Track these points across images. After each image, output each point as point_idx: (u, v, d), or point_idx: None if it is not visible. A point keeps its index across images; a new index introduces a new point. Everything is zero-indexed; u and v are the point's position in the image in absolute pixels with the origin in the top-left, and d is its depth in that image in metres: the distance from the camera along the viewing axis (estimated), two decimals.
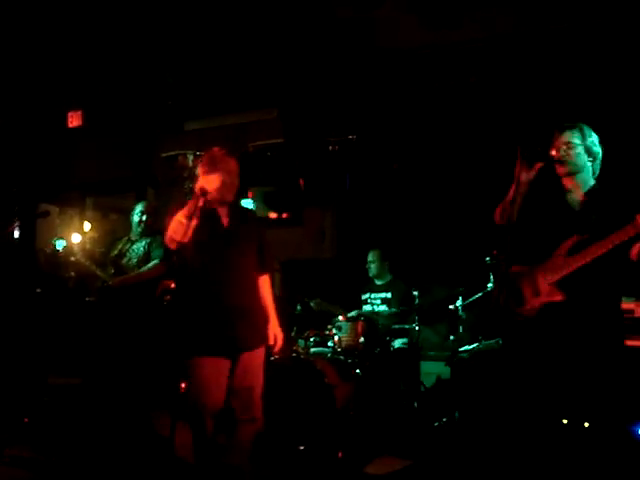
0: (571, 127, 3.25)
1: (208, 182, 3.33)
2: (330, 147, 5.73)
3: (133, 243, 5.34)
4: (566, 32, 4.63)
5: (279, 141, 6.13)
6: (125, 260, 5.26)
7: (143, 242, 5.30)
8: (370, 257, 5.79)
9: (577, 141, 3.23)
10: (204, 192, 3.25)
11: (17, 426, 4.85)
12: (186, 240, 3.25)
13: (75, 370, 5.79)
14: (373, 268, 5.77)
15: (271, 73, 5.80)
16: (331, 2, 5.17)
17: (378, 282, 5.80)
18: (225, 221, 3.52)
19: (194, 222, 3.25)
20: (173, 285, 4.52)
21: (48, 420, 5.15)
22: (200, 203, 3.24)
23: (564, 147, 3.21)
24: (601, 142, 3.26)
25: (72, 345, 6.11)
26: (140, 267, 5.18)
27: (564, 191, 3.29)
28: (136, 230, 5.35)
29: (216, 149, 3.52)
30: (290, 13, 5.44)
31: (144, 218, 5.29)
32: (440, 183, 5.85)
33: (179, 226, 3.25)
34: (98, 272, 5.14)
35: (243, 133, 6.43)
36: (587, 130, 3.26)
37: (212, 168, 3.39)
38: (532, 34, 4.70)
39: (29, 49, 6.26)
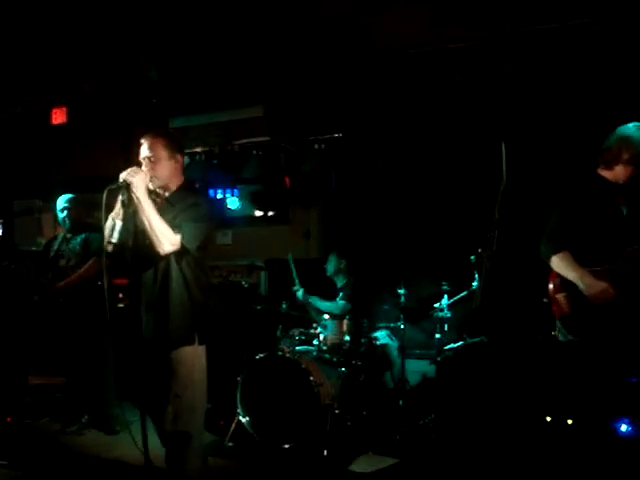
0: None
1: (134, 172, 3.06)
2: (316, 145, 5.72)
3: (69, 242, 5.11)
4: (553, 32, 4.65)
5: (265, 139, 6.10)
6: (64, 262, 5.04)
7: (78, 239, 5.07)
8: (329, 259, 5.78)
9: None
10: (125, 184, 3.01)
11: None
12: (114, 241, 3.06)
13: (56, 369, 5.73)
14: (329, 268, 5.74)
15: (257, 71, 5.77)
16: (320, 1, 5.17)
17: (339, 284, 5.76)
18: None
19: (118, 223, 3.07)
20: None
21: (30, 419, 5.12)
22: (122, 198, 3.02)
23: None
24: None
25: (52, 344, 6.04)
26: (80, 267, 4.95)
27: None
28: (65, 226, 5.13)
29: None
30: (277, 11, 5.42)
31: (66, 213, 5.06)
32: (425, 181, 5.87)
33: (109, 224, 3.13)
34: (42, 280, 4.94)
35: (229, 131, 6.39)
36: None
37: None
38: (518, 34, 4.72)
39: (13, 45, 6.19)
